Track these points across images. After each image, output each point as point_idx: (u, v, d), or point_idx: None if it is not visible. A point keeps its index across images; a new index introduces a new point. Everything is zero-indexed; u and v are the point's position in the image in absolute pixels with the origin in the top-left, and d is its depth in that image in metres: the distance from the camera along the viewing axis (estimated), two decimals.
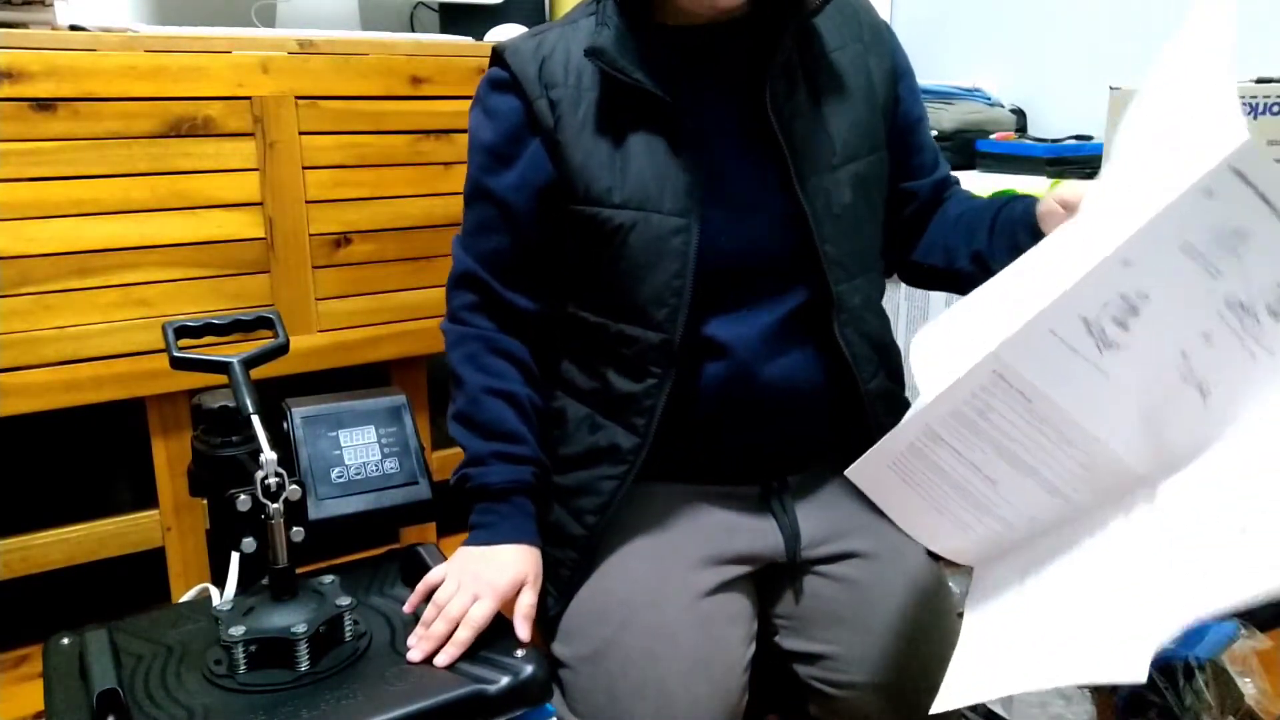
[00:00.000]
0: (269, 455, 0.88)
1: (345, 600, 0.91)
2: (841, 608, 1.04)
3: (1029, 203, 1.02)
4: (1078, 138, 1.84)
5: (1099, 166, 1.58)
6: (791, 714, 1.10)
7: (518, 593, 0.96)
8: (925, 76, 2.17)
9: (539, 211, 1.02)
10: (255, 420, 0.90)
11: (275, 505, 0.88)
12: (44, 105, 1.21)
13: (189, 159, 1.31)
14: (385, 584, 1.03)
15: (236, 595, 0.96)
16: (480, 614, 0.91)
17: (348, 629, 0.92)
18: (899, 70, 1.11)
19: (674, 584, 1.00)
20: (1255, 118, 1.36)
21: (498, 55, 1.04)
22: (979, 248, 1.07)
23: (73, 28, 1.29)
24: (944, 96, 2.05)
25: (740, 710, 1.00)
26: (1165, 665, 1.18)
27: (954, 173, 1.87)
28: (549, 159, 1.01)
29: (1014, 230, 1.02)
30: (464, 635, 0.89)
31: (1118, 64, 1.87)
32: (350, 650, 0.90)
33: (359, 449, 1.06)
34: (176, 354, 0.95)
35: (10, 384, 1.25)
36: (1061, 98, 1.99)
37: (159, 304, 1.32)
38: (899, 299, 1.74)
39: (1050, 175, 1.73)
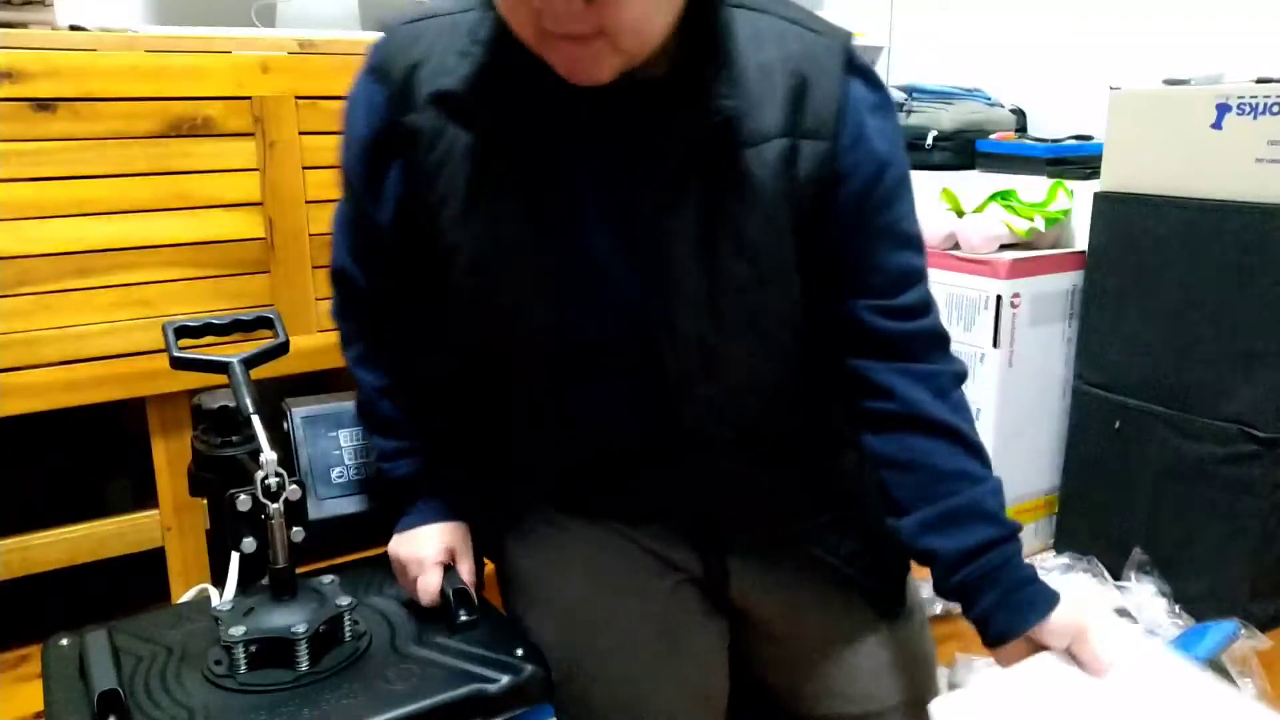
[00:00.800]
0: (269, 455, 0.88)
1: (345, 600, 0.91)
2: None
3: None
4: (1078, 138, 1.84)
5: (1098, 166, 1.59)
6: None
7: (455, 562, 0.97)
8: (925, 76, 2.17)
9: (399, 228, 0.93)
10: (255, 420, 0.90)
11: (275, 505, 0.88)
12: (44, 105, 1.21)
13: (189, 159, 1.31)
14: (385, 584, 1.03)
15: (236, 595, 0.96)
16: (426, 588, 0.94)
17: (348, 629, 0.92)
18: (843, 174, 0.83)
19: (633, 597, 0.97)
20: (1255, 118, 1.36)
21: (382, 31, 0.91)
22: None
23: (73, 28, 1.29)
24: (944, 96, 2.05)
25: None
26: None
27: (954, 173, 1.89)
28: (406, 186, 0.90)
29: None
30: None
31: (1118, 64, 1.87)
32: (350, 650, 0.90)
33: (359, 449, 1.06)
34: (177, 354, 0.95)
35: (10, 384, 1.25)
36: (1061, 98, 1.99)
37: (159, 304, 1.32)
38: None
39: (1050, 175, 1.73)
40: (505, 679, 0.85)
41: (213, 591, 0.97)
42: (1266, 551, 1.42)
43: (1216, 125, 1.40)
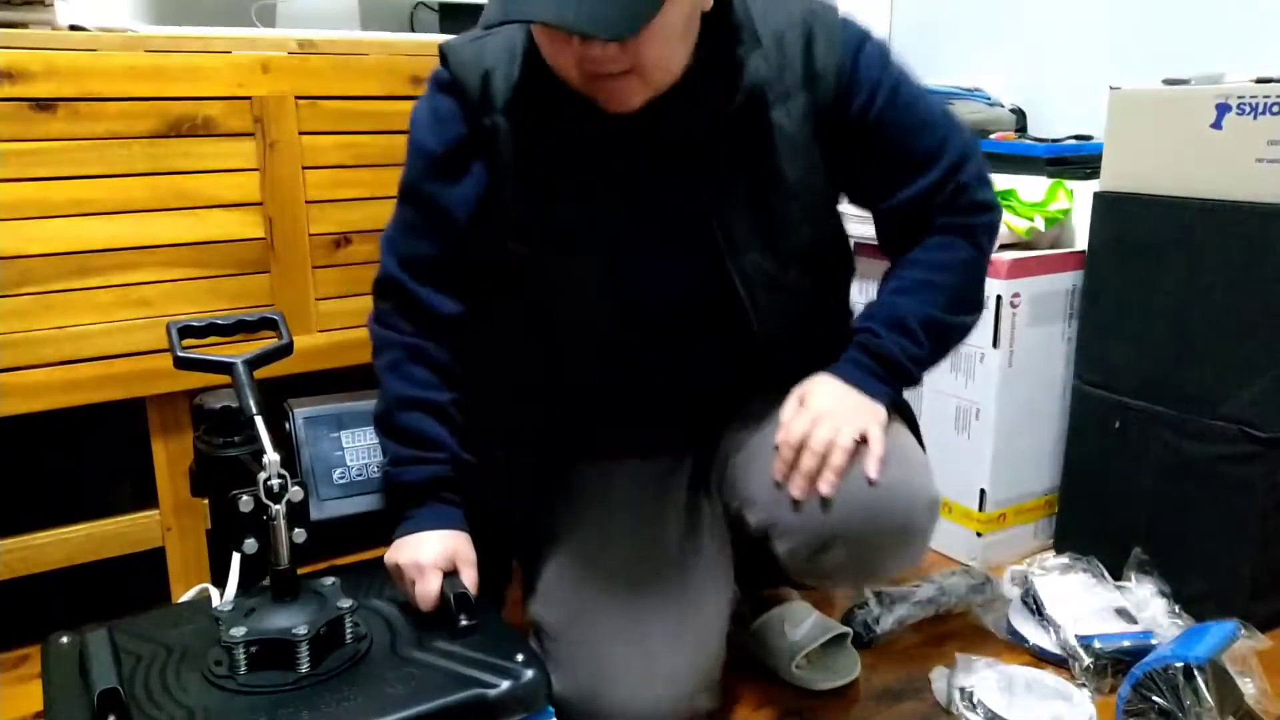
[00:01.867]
0: (272, 456, 0.88)
1: (346, 602, 0.91)
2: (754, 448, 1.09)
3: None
4: (1078, 138, 1.84)
5: (1098, 166, 1.59)
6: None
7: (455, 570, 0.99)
8: (925, 77, 2.17)
9: (472, 226, 1.03)
10: (258, 421, 0.91)
11: (278, 506, 0.88)
12: (44, 105, 1.21)
13: (189, 159, 1.31)
14: (386, 586, 1.03)
15: (237, 596, 0.96)
16: (425, 593, 0.95)
17: (349, 631, 0.92)
18: (847, 88, 1.01)
19: (649, 545, 1.04)
20: (1255, 118, 1.36)
21: (443, 55, 1.03)
22: None
23: (73, 28, 1.29)
24: (944, 97, 2.05)
25: (719, 667, 1.04)
26: (1165, 666, 1.18)
27: None
28: (488, 179, 1.02)
29: None
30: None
31: (1118, 64, 1.87)
32: (351, 652, 0.90)
33: (361, 450, 1.06)
34: (180, 354, 0.95)
35: (10, 384, 1.25)
36: (1061, 98, 1.99)
37: (159, 304, 1.32)
38: None
39: (1050, 175, 1.73)
40: (505, 684, 0.85)
41: (213, 591, 0.98)
42: (1266, 551, 1.42)
43: (1216, 125, 1.40)
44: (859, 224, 1.76)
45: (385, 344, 1.05)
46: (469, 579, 0.98)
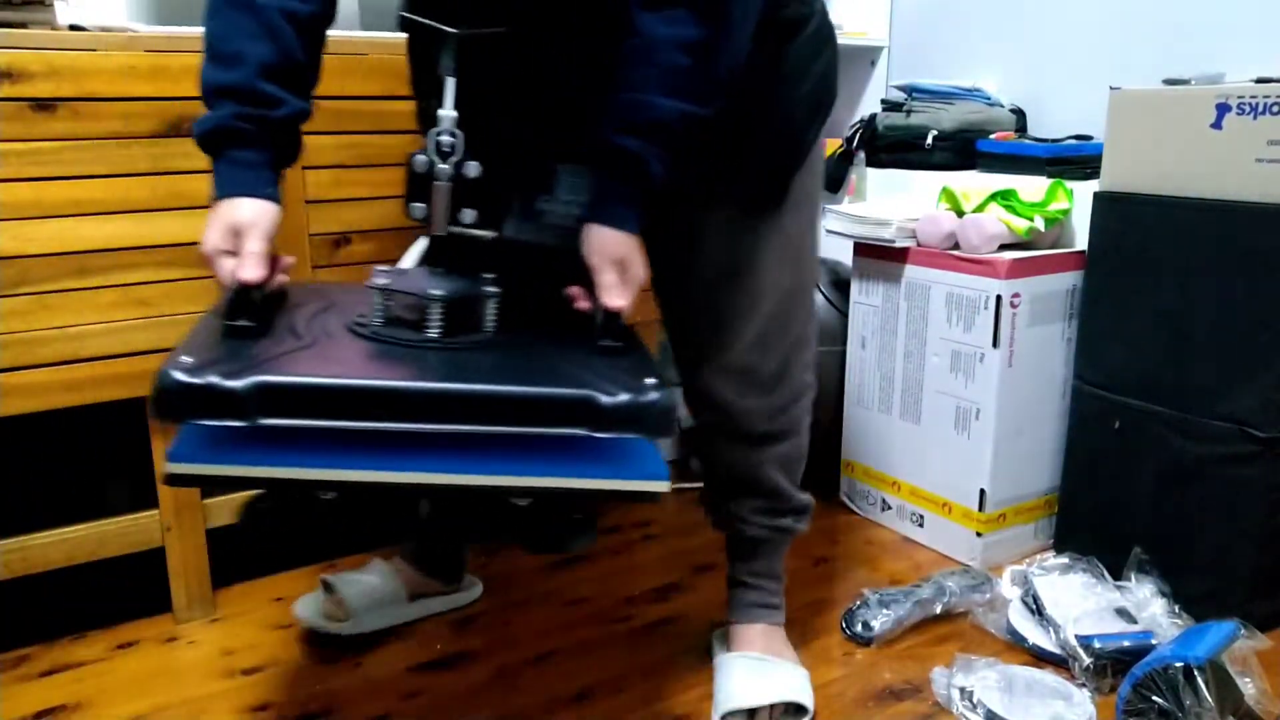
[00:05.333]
0: (447, 113, 0.87)
1: (493, 289, 0.90)
2: None
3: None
4: (1078, 138, 1.84)
5: (1098, 166, 1.59)
6: None
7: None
8: (925, 76, 2.17)
9: None
10: (448, 82, 0.89)
11: (443, 166, 0.87)
12: (44, 105, 1.21)
13: (189, 159, 1.31)
14: (545, 310, 1.01)
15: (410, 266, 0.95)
16: (220, 272, 0.89)
17: (489, 316, 0.91)
18: None
19: None
20: (1255, 118, 1.36)
21: None
22: None
23: (73, 28, 1.29)
24: (944, 96, 2.05)
25: None
26: (1165, 666, 1.18)
27: (954, 173, 1.89)
28: None
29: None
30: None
31: (1118, 64, 1.87)
32: (485, 337, 0.90)
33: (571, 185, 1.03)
34: (403, 14, 0.94)
35: (10, 384, 1.25)
36: (1061, 98, 1.99)
37: (158, 304, 1.32)
38: (898, 299, 1.74)
39: (1050, 175, 1.73)
40: (623, 396, 0.79)
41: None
42: (1266, 551, 1.42)
43: (1216, 125, 1.40)
44: (856, 225, 1.76)
45: None
46: (250, 249, 0.89)
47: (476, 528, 0.93)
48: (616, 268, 0.95)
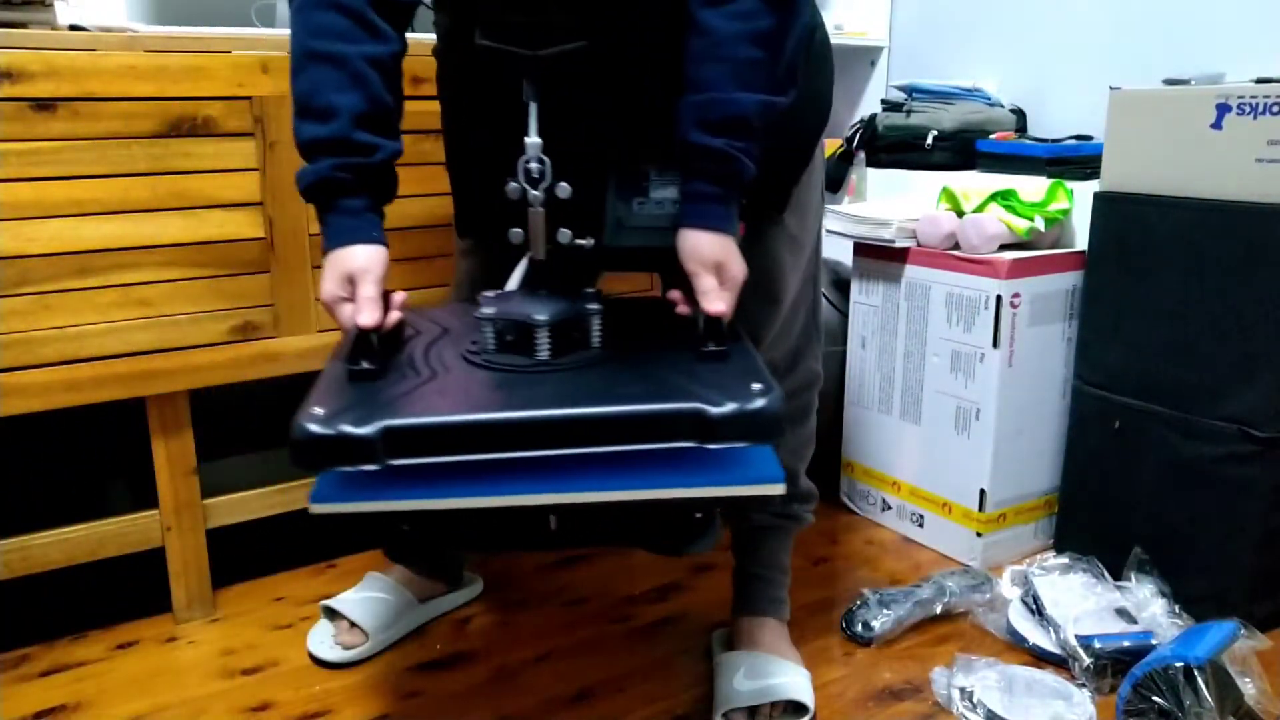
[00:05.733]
0: (532, 140, 0.90)
1: (595, 306, 0.93)
2: None
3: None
4: (1078, 138, 1.84)
5: (1098, 166, 1.59)
6: None
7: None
8: (925, 76, 2.17)
9: None
10: (532, 108, 0.92)
11: (535, 193, 0.90)
12: (44, 105, 1.21)
13: (189, 159, 1.31)
14: (644, 318, 1.05)
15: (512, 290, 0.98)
16: (341, 319, 0.93)
17: (595, 333, 0.93)
18: None
19: None
20: (1255, 118, 1.36)
21: None
22: None
23: (73, 28, 1.29)
24: (944, 96, 2.05)
25: None
26: (1165, 666, 1.18)
27: (954, 173, 1.89)
28: None
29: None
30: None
31: (1118, 64, 1.87)
32: (592, 355, 0.92)
33: (663, 182, 1.05)
34: (481, 41, 0.95)
35: (10, 384, 1.25)
36: (1061, 98, 1.99)
37: (159, 304, 1.32)
38: (898, 299, 1.74)
39: (1050, 175, 1.73)
40: (731, 406, 0.81)
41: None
42: (1266, 551, 1.42)
43: (1216, 125, 1.41)
44: (857, 225, 1.76)
45: None
46: (364, 294, 0.92)
47: (602, 535, 0.96)
48: (714, 271, 0.95)
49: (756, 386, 0.83)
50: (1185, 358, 1.46)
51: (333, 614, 1.41)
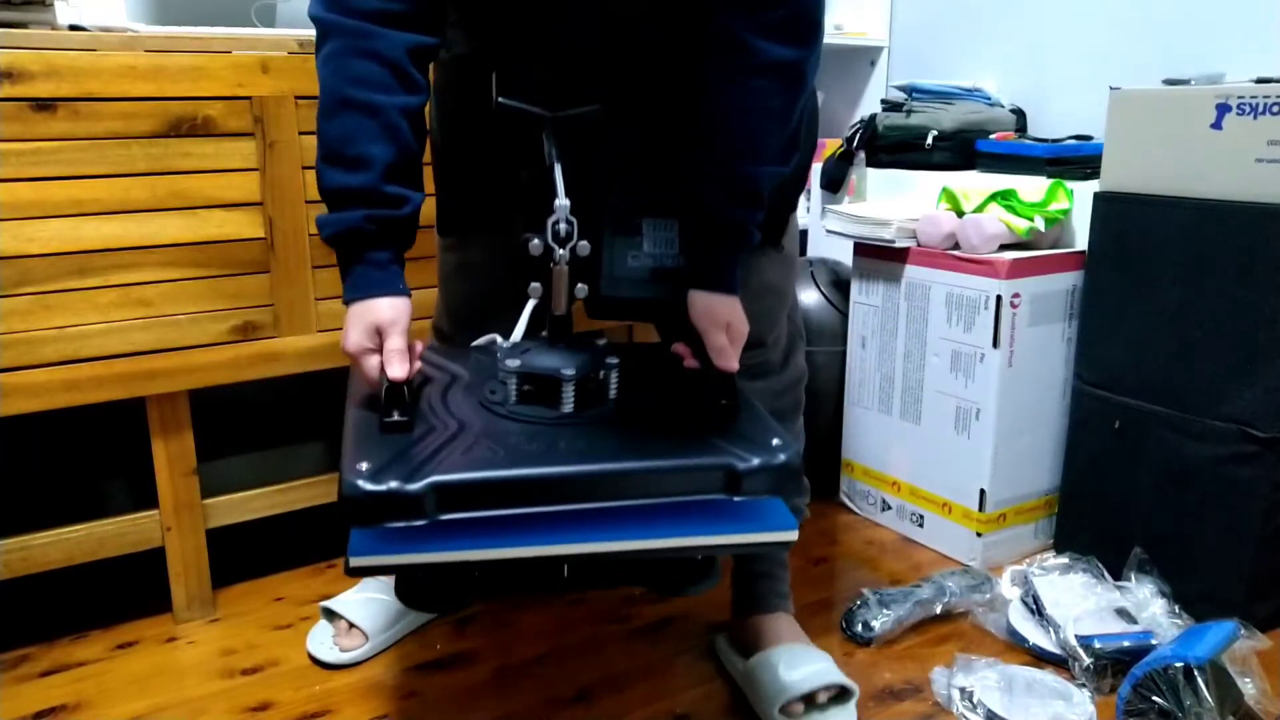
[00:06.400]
0: (562, 201, 0.93)
1: (614, 359, 0.95)
2: None
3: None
4: (1078, 138, 1.84)
5: (1098, 166, 1.59)
6: None
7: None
8: (925, 76, 2.17)
9: None
10: (557, 169, 0.94)
11: (561, 252, 0.93)
12: (44, 105, 1.21)
13: (189, 159, 1.31)
14: (654, 364, 1.07)
15: (522, 339, 1.00)
16: (367, 370, 0.93)
17: (614, 386, 0.96)
18: None
19: None
20: (1255, 118, 1.36)
21: None
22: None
23: (73, 28, 1.29)
24: (944, 96, 2.05)
25: None
26: (1165, 666, 1.18)
27: (954, 173, 1.89)
28: None
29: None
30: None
31: (1118, 64, 1.87)
32: (614, 407, 0.95)
33: (659, 239, 1.08)
34: (500, 100, 0.98)
35: (10, 384, 1.25)
36: (1061, 98, 1.99)
37: (159, 304, 1.32)
38: (898, 299, 1.74)
39: (1050, 175, 1.73)
40: (757, 460, 0.85)
41: (500, 340, 1.02)
42: (1266, 551, 1.42)
43: (1216, 125, 1.41)
44: (857, 225, 1.76)
45: (331, 29, 0.95)
46: (392, 347, 0.92)
47: (610, 578, 1.00)
48: (724, 330, 0.99)
49: (776, 442, 0.88)
50: (1185, 358, 1.46)
51: (332, 615, 1.40)
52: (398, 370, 0.90)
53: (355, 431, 0.88)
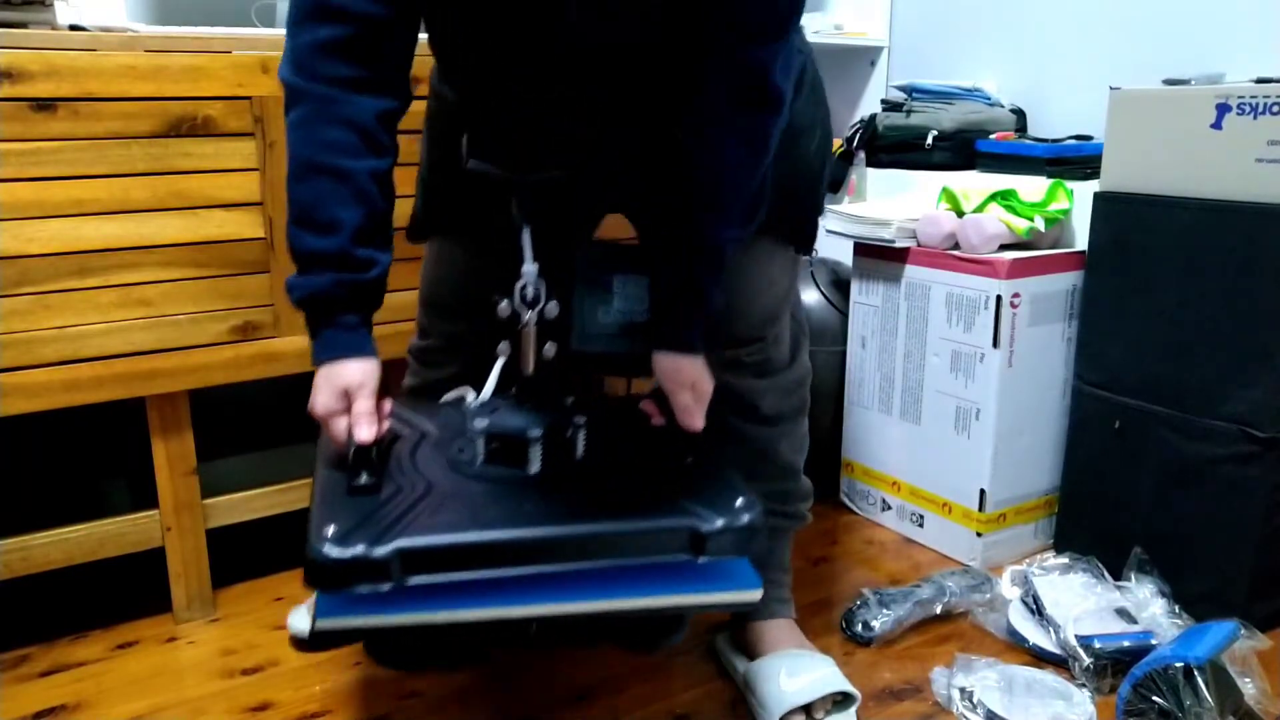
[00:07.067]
0: (529, 268, 0.96)
1: (581, 418, 0.96)
2: None
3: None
4: (1078, 138, 1.84)
5: (1098, 166, 1.59)
6: None
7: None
8: (925, 76, 2.17)
9: None
10: (525, 232, 0.97)
11: (529, 314, 0.96)
12: (44, 105, 1.21)
13: (189, 159, 1.31)
14: (620, 418, 1.08)
15: (491, 398, 1.02)
16: (336, 432, 0.93)
17: (580, 445, 0.97)
18: None
19: None
20: (1255, 118, 1.36)
21: None
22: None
23: (73, 28, 1.29)
24: (944, 96, 2.05)
25: None
26: (1165, 666, 1.18)
27: (954, 173, 1.89)
28: None
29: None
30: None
31: (1118, 64, 1.87)
32: (580, 465, 0.96)
33: (629, 295, 1.11)
34: (470, 165, 1.01)
35: (10, 384, 1.25)
36: (1061, 98, 1.99)
37: (159, 304, 1.32)
38: (898, 299, 1.74)
39: (1050, 175, 1.73)
40: (720, 522, 0.86)
41: (470, 394, 1.05)
42: (1266, 551, 1.42)
43: (1216, 125, 1.41)
44: (857, 225, 1.76)
45: (300, 94, 0.95)
46: (358, 409, 0.93)
47: (577, 636, 1.02)
48: (689, 390, 1.00)
49: (740, 502, 0.89)
50: (1185, 358, 1.46)
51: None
52: (365, 433, 0.91)
53: (323, 493, 0.89)
